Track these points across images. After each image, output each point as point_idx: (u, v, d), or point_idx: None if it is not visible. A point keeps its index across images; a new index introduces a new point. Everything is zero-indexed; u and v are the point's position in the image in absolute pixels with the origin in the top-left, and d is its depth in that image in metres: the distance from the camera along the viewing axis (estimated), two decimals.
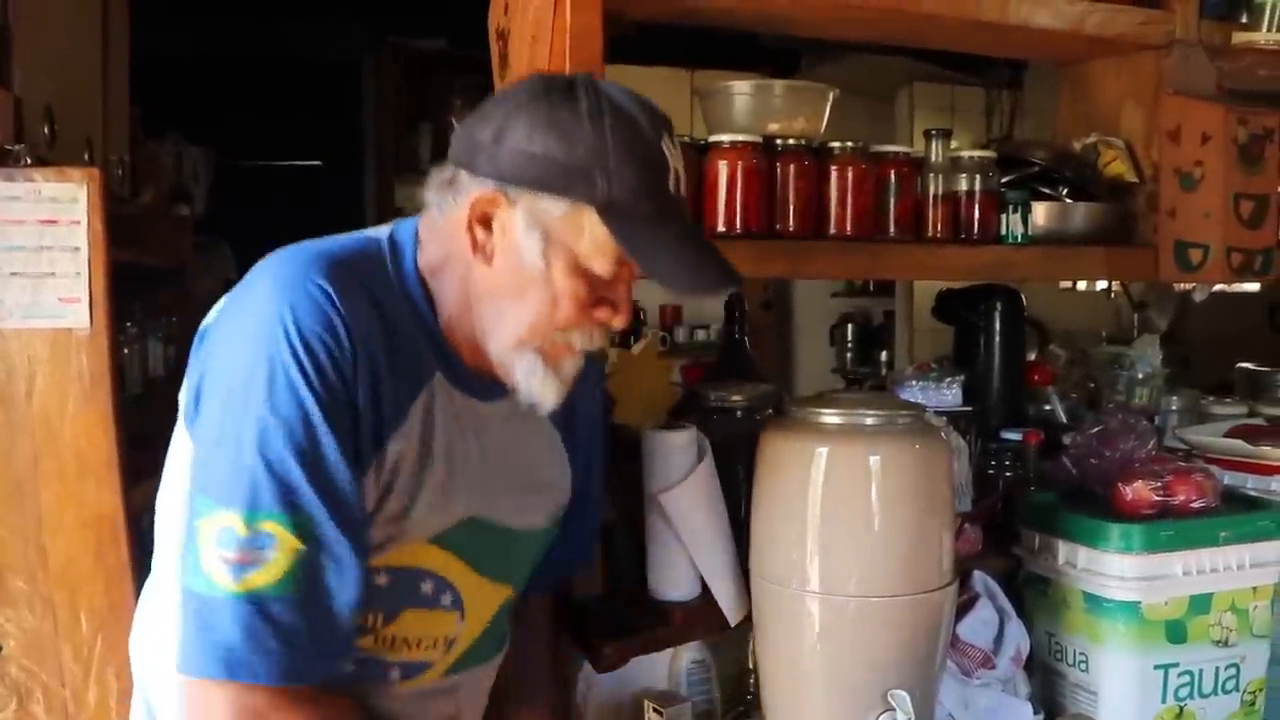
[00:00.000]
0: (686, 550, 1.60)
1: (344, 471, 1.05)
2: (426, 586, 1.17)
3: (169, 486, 1.17)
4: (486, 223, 1.12)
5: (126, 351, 2.64)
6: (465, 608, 1.21)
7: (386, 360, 1.10)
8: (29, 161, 1.98)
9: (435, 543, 1.16)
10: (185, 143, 4.48)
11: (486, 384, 1.19)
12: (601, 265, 1.11)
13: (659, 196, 1.10)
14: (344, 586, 1.04)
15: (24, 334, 1.85)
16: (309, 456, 1.02)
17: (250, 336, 1.05)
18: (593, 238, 1.10)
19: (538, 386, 1.16)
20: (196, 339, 1.13)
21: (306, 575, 1.01)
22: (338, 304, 1.06)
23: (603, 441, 1.45)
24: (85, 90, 2.87)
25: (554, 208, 1.09)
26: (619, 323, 1.16)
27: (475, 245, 1.12)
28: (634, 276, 1.16)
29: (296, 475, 1.02)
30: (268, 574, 1.00)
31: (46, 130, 2.38)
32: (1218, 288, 2.18)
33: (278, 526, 1.00)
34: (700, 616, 1.63)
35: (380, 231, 1.19)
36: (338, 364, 1.05)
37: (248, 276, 1.11)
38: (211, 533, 1.00)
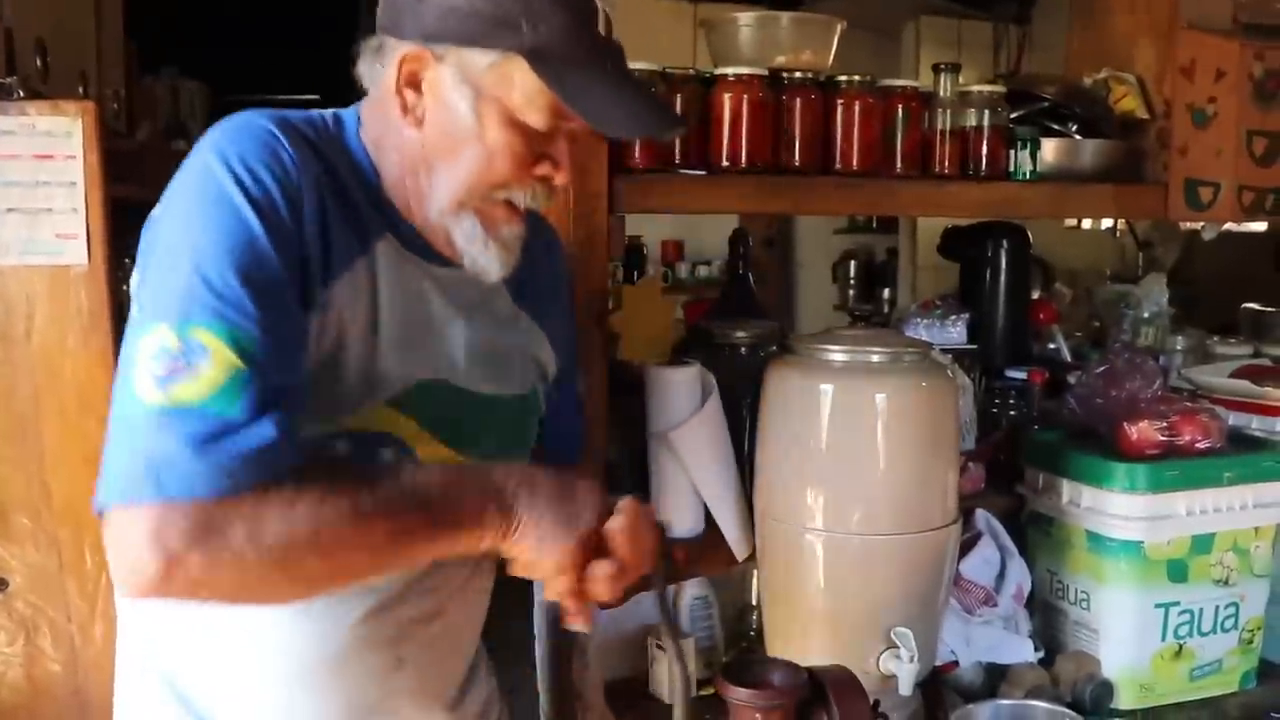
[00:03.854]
0: (691, 487, 1.61)
1: (289, 296, 1.01)
2: (388, 454, 1.11)
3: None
4: (415, 84, 1.09)
5: (125, 287, 2.62)
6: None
7: (335, 208, 1.07)
8: (22, 94, 1.94)
9: (393, 405, 1.11)
10: (182, 77, 4.43)
11: (437, 249, 1.16)
12: (536, 117, 1.08)
13: (589, 40, 1.08)
14: (283, 411, 0.97)
15: (22, 271, 1.83)
16: (251, 273, 0.98)
17: (192, 171, 1.02)
18: (524, 88, 1.07)
19: (479, 253, 1.13)
20: (145, 226, 1.08)
21: (242, 396, 0.94)
22: (284, 141, 1.04)
23: (569, 317, 1.40)
24: (78, 23, 2.82)
25: (481, 60, 1.06)
26: (560, 179, 1.13)
27: (405, 108, 1.10)
28: (574, 136, 1.12)
29: (236, 289, 0.96)
30: (197, 386, 0.93)
31: (39, 63, 2.34)
32: (1225, 226, 2.16)
33: (212, 337, 0.94)
34: (703, 553, 1.64)
35: (325, 111, 1.17)
36: (285, 191, 1.02)
37: None
38: (146, 350, 0.95)
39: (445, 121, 1.09)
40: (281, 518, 0.94)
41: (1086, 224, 4.40)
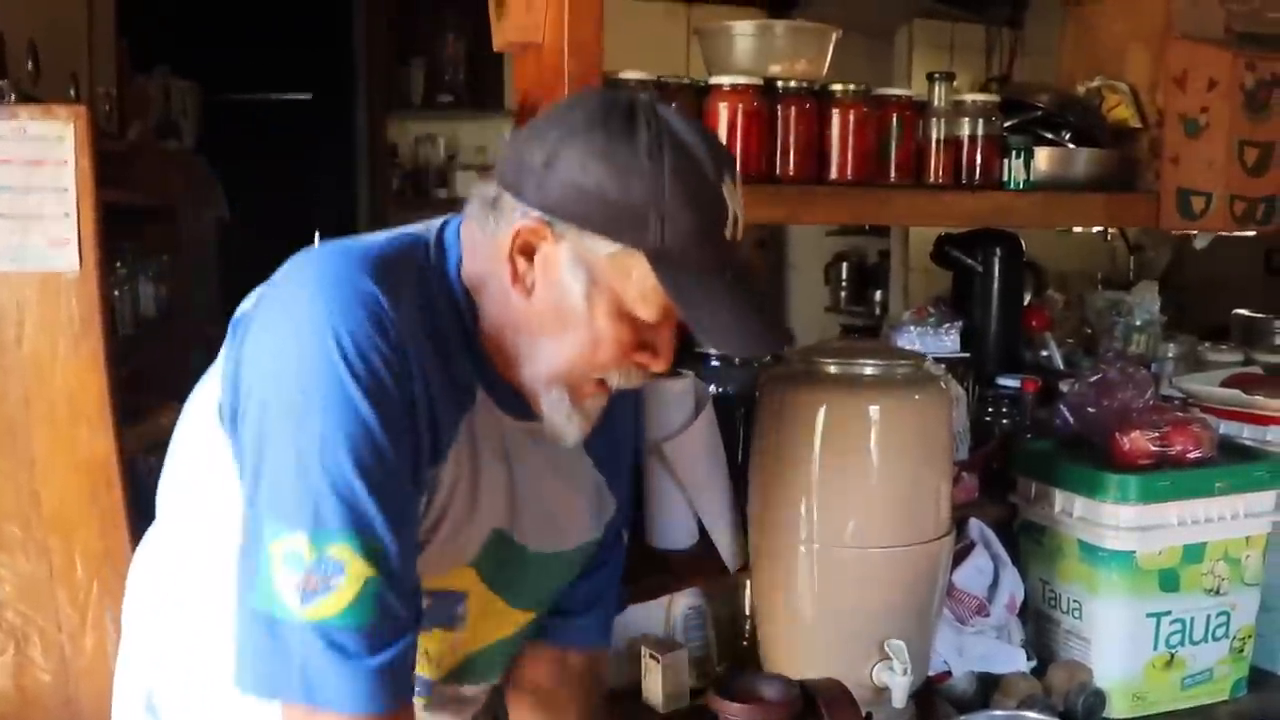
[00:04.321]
0: (685, 498, 1.61)
1: (408, 491, 1.01)
2: (460, 608, 1.16)
3: (182, 462, 1.13)
4: (529, 253, 1.04)
5: (117, 292, 2.61)
6: (469, 618, 1.18)
7: (437, 373, 1.05)
8: (13, 98, 1.94)
9: (471, 564, 1.13)
10: (174, 76, 4.41)
11: (522, 402, 1.13)
12: (647, 312, 1.04)
13: (714, 245, 1.02)
14: (408, 613, 1.00)
15: (12, 277, 1.82)
16: (374, 474, 0.97)
17: (298, 344, 0.98)
18: (640, 284, 1.02)
19: (562, 422, 1.10)
20: (231, 327, 1.06)
21: (375, 605, 0.97)
22: (387, 309, 0.99)
23: (630, 470, 1.38)
24: (70, 24, 2.81)
25: (602, 248, 1.01)
26: (659, 367, 1.10)
27: (515, 276, 1.05)
28: (678, 325, 1.08)
29: (363, 495, 0.96)
30: (336, 602, 0.95)
31: (30, 65, 2.34)
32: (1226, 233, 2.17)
33: (345, 550, 0.96)
34: (696, 564, 1.64)
35: (423, 230, 1.12)
36: (395, 375, 0.99)
37: (285, 269, 1.05)
38: (279, 555, 0.96)
39: (555, 299, 1.04)
40: None
41: (1078, 228, 4.41)
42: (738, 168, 1.06)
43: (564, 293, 1.04)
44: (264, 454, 0.98)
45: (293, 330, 0.99)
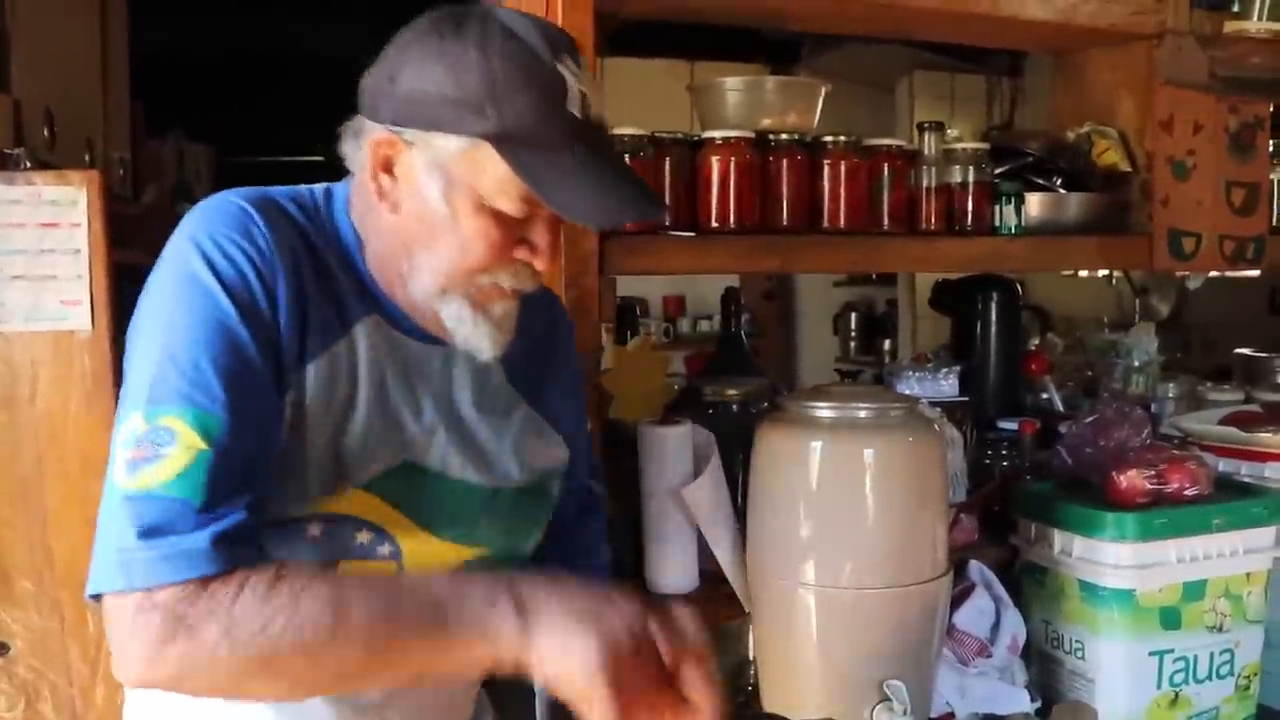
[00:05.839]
0: (686, 544, 1.62)
1: (261, 378, 1.01)
2: (362, 536, 1.10)
3: None
4: (389, 169, 1.08)
5: None
6: (404, 560, 1.13)
7: (314, 288, 1.07)
8: (29, 165, 1.99)
9: (363, 488, 1.09)
10: (187, 139, 4.50)
11: (426, 328, 1.14)
12: (508, 203, 1.05)
13: (558, 121, 1.03)
14: (244, 495, 0.96)
15: (26, 336, 1.87)
16: (221, 356, 0.98)
17: (166, 258, 1.03)
18: (494, 175, 1.03)
19: (469, 332, 1.11)
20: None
21: (205, 478, 0.94)
22: (258, 220, 1.04)
23: (576, 402, 1.36)
24: (85, 90, 2.88)
25: (449, 145, 1.03)
26: (540, 263, 1.10)
27: (380, 193, 1.08)
28: (555, 217, 1.09)
29: (205, 372, 0.97)
30: (161, 470, 0.93)
31: (46, 132, 2.40)
32: (1218, 273, 2.19)
33: (177, 420, 0.94)
34: (699, 608, 1.64)
35: (319, 186, 1.17)
36: (258, 271, 1.02)
37: None
38: (120, 437, 0.96)
39: (419, 208, 1.07)
40: (257, 611, 0.91)
41: (1083, 272, 4.43)
42: (580, 52, 1.07)
43: (425, 199, 1.06)
44: (129, 359, 1.01)
45: (168, 247, 1.04)
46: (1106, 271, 4.23)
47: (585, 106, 1.05)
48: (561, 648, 0.92)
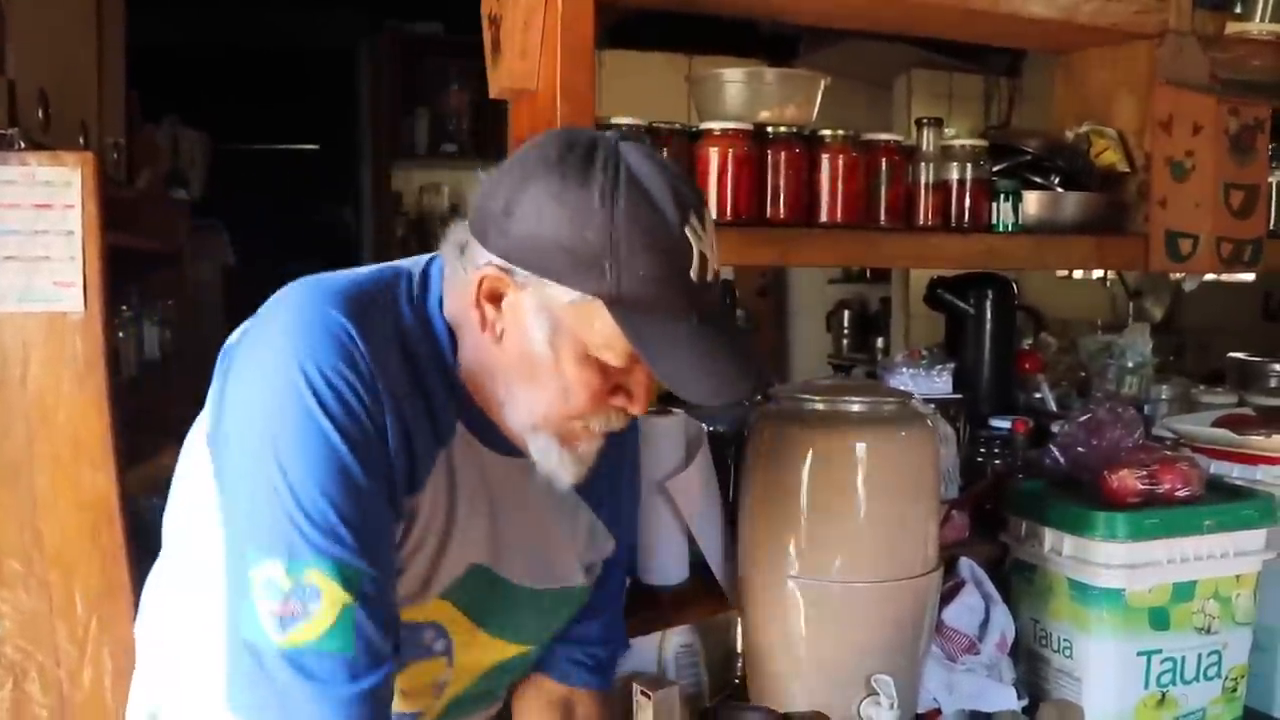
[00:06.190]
0: (677, 536, 1.62)
1: (385, 519, 1.03)
2: (428, 636, 1.15)
3: (182, 491, 1.15)
4: (496, 300, 1.04)
5: (122, 335, 2.65)
6: (454, 653, 1.18)
7: (413, 403, 1.05)
8: (23, 145, 1.98)
9: (444, 596, 1.13)
10: (182, 126, 4.49)
11: (504, 438, 1.13)
12: (613, 357, 1.03)
13: (676, 288, 0.99)
14: (387, 640, 1.01)
15: (18, 318, 1.86)
16: (347, 502, 0.98)
17: (269, 377, 1.01)
18: (603, 331, 1.01)
19: (554, 467, 1.10)
20: (220, 359, 1.09)
21: (354, 631, 0.98)
22: (358, 341, 1.01)
23: (632, 504, 1.39)
24: (80, 74, 2.87)
25: (562, 296, 1.00)
26: (636, 410, 1.09)
27: (484, 322, 1.05)
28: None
29: (336, 522, 0.98)
30: (313, 627, 0.97)
31: (41, 114, 2.39)
32: (1212, 276, 2.19)
33: (322, 577, 0.97)
34: (689, 601, 1.65)
35: (409, 264, 1.14)
36: (365, 404, 1.00)
37: (269, 304, 1.07)
38: (259, 582, 0.97)
39: (522, 345, 1.04)
40: None
41: (1077, 274, 4.43)
42: (707, 208, 1.04)
43: (530, 340, 1.04)
44: (239, 485, 1.01)
45: (264, 366, 1.01)
46: (1101, 274, 4.23)
47: (704, 270, 1.01)
48: None
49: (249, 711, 0.99)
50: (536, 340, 1.03)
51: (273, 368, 1.01)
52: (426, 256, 1.15)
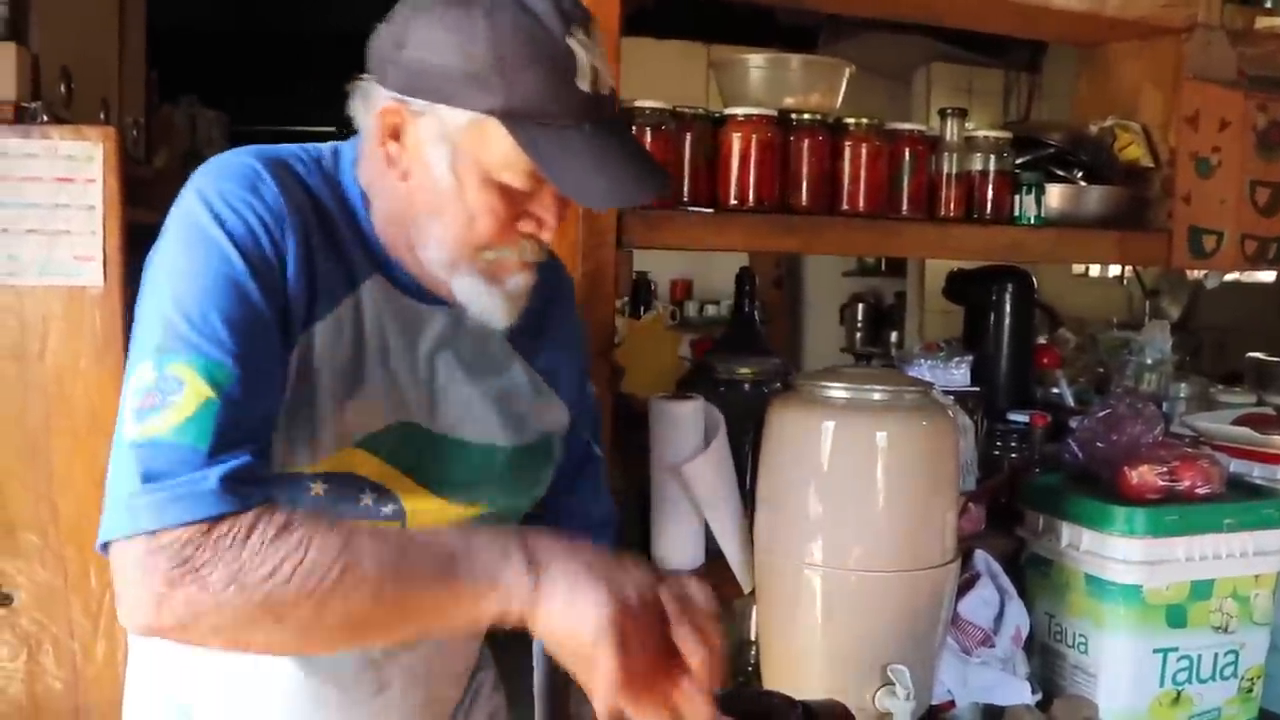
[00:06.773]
0: (694, 520, 1.62)
1: (270, 338, 1.01)
2: (366, 498, 1.10)
3: None
4: (397, 136, 1.06)
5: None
6: (408, 521, 1.12)
7: (321, 247, 1.06)
8: (46, 119, 1.98)
9: (364, 446, 1.09)
10: (200, 106, 4.49)
11: (431, 289, 1.13)
12: (514, 178, 1.04)
13: (566, 98, 1.01)
14: (251, 443, 0.96)
15: (38, 291, 1.86)
16: (230, 308, 0.97)
17: (175, 213, 1.03)
18: (500, 149, 1.02)
19: (482, 305, 1.10)
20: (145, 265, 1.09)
21: (212, 425, 0.92)
22: (266, 178, 1.04)
23: (579, 372, 1.35)
24: (102, 51, 2.87)
25: (457, 118, 1.02)
26: (545, 235, 1.10)
27: (389, 160, 1.07)
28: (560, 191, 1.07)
29: (214, 324, 0.96)
30: (169, 417, 0.92)
31: (63, 89, 2.39)
32: (1231, 276, 2.18)
33: (186, 369, 0.94)
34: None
35: (326, 145, 1.16)
36: (266, 228, 1.02)
37: None
38: (131, 387, 0.95)
39: (427, 178, 1.06)
40: (265, 555, 0.89)
41: (1094, 271, 4.42)
42: (595, 24, 1.05)
43: (432, 169, 1.05)
44: (139, 312, 1.01)
45: (177, 203, 1.04)
46: (1118, 273, 4.22)
47: (596, 81, 1.03)
48: (570, 603, 0.91)
49: (105, 524, 0.92)
50: (439, 169, 1.05)
51: (180, 204, 1.04)
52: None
